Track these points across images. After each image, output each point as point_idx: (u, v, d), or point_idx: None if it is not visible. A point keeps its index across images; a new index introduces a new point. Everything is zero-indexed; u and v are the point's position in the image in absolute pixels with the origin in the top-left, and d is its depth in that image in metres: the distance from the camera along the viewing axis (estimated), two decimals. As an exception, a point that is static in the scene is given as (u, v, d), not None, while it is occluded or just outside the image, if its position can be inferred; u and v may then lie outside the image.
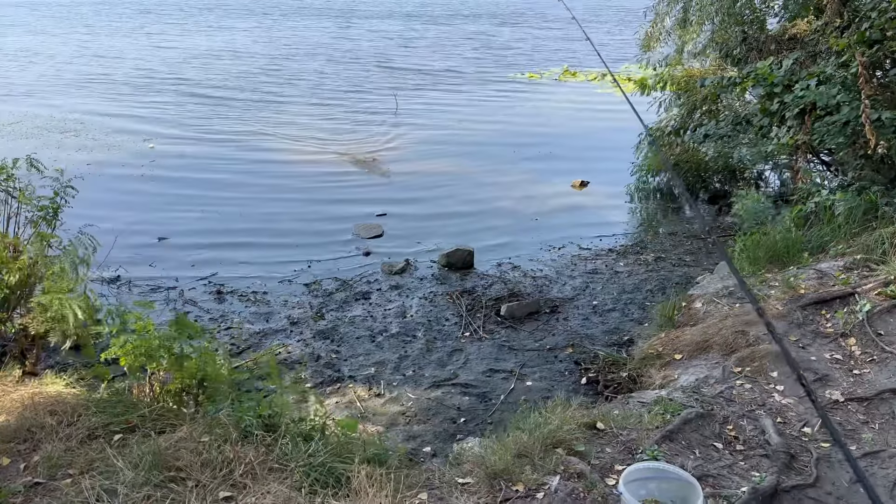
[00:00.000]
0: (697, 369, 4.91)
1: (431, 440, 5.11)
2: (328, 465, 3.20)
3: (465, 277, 8.05)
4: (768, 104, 7.44)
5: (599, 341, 6.50)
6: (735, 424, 4.04)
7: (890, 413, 4.14)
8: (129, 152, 11.88)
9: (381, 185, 10.97)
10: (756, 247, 6.78)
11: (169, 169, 11.19)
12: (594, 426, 3.93)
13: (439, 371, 6.09)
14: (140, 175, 10.83)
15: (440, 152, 12.73)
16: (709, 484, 3.42)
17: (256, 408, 3.65)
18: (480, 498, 3.30)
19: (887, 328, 4.94)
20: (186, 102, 15.42)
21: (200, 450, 3.28)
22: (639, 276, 8.05)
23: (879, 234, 5.98)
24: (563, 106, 16.80)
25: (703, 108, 10.18)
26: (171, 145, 12.40)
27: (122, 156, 11.67)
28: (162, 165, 11.32)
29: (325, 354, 6.29)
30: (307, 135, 13.38)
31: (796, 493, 3.44)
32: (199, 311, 6.99)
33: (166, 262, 8.08)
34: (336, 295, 7.49)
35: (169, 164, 11.43)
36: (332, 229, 9.27)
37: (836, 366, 4.71)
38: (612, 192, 11.18)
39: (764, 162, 10.26)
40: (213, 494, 2.97)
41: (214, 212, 9.66)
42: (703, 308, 6.06)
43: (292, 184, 10.81)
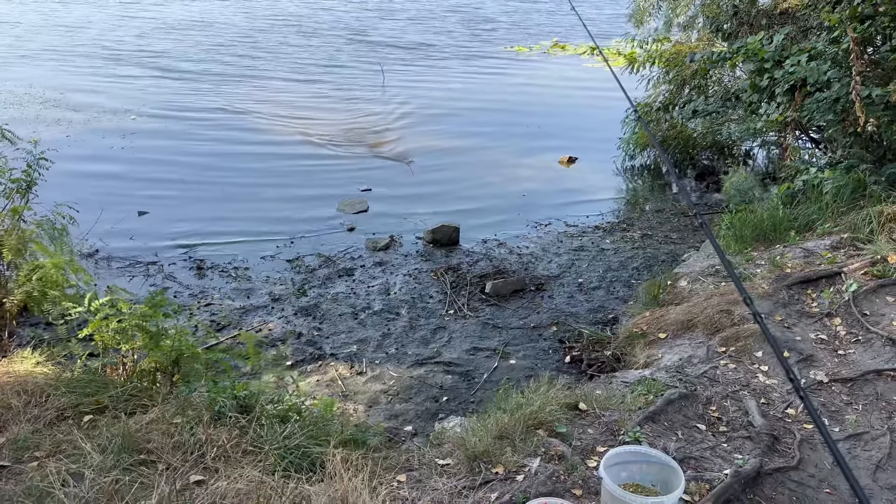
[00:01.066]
0: (681, 349, 4.87)
1: (413, 419, 5.06)
2: (303, 447, 3.13)
3: (451, 254, 7.97)
4: (758, 80, 7.33)
5: (584, 319, 6.46)
6: (718, 405, 4.00)
7: (874, 394, 4.11)
8: (109, 125, 11.61)
9: (366, 161, 10.79)
10: (743, 225, 6.72)
11: (150, 142, 10.95)
12: (576, 407, 3.88)
13: (422, 349, 6.03)
14: (121, 148, 10.60)
15: (427, 128, 12.55)
16: (691, 466, 3.38)
17: (231, 389, 3.57)
18: (460, 480, 3.24)
19: (873, 308, 4.91)
20: (167, 75, 15.03)
21: (172, 432, 3.20)
22: (625, 253, 8.00)
23: (867, 212, 5.93)
24: (552, 80, 16.60)
25: (692, 84, 10.07)
26: (153, 118, 12.12)
27: (103, 128, 11.40)
28: (143, 138, 11.07)
29: (306, 332, 6.20)
30: (291, 109, 13.13)
31: (779, 475, 3.40)
32: (179, 287, 6.87)
33: (146, 237, 7.92)
34: (319, 271, 7.38)
35: (150, 137, 11.18)
36: (315, 205, 9.12)
37: (821, 346, 4.67)
38: (600, 169, 11.09)
39: (752, 139, 10.18)
40: (184, 478, 2.89)
41: (196, 186, 9.47)
42: (688, 287, 6.01)
43: (275, 158, 10.61)
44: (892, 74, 6.35)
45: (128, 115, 12.12)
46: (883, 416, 3.93)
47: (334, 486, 2.75)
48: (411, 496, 3.02)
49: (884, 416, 3.92)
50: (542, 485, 3.11)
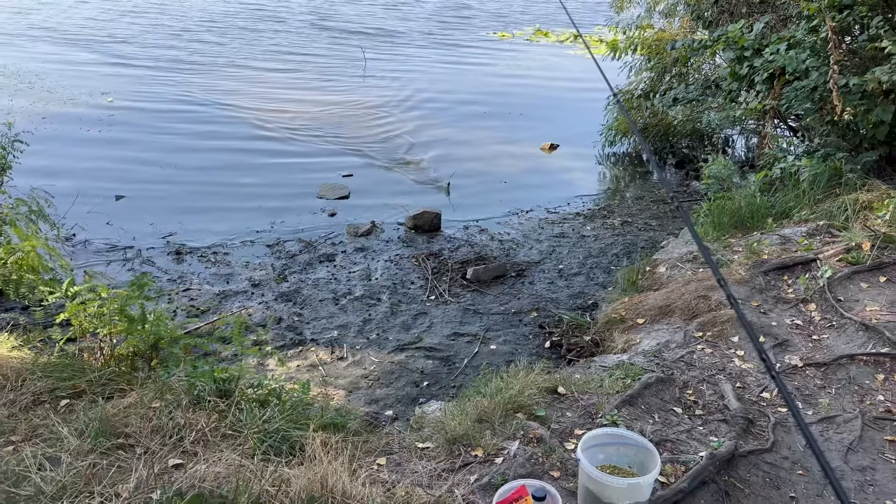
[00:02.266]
0: (659, 334, 4.92)
1: (394, 404, 5.07)
2: (283, 431, 3.13)
3: (432, 240, 7.97)
4: (738, 68, 7.38)
5: (564, 305, 6.50)
6: (695, 389, 4.06)
7: (846, 378, 4.19)
8: (86, 106, 11.44)
9: (348, 146, 10.73)
10: (721, 212, 6.78)
11: (128, 125, 10.81)
12: (555, 391, 3.91)
13: (403, 334, 6.04)
14: (98, 131, 10.45)
15: (409, 113, 12.50)
16: (667, 448, 3.42)
17: (211, 373, 3.55)
18: (439, 463, 3.26)
19: (847, 294, 4.99)
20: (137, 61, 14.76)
21: (150, 416, 3.18)
22: (605, 240, 8.05)
23: (842, 200, 6.02)
24: (534, 67, 16.59)
25: (672, 72, 10.11)
26: (131, 100, 11.96)
27: (79, 110, 11.23)
28: (120, 121, 10.92)
29: (287, 317, 6.18)
30: (270, 94, 13.00)
31: (753, 457, 3.46)
32: (158, 272, 6.81)
33: (124, 221, 7.83)
34: (299, 257, 7.35)
35: (128, 119, 11.03)
36: (296, 190, 9.07)
37: (796, 331, 4.75)
38: (582, 156, 11.13)
39: (732, 127, 10.27)
40: (163, 462, 2.88)
41: (174, 170, 9.37)
42: (666, 272, 6.07)
43: (255, 143, 10.53)
44: (868, 64, 6.42)
45: (104, 97, 11.93)
46: (855, 399, 4.01)
47: (314, 468, 2.76)
48: (391, 479, 3.04)
49: (856, 400, 4.00)
50: (520, 467, 3.14)
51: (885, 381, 4.13)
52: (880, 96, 6.19)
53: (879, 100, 6.20)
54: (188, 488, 2.58)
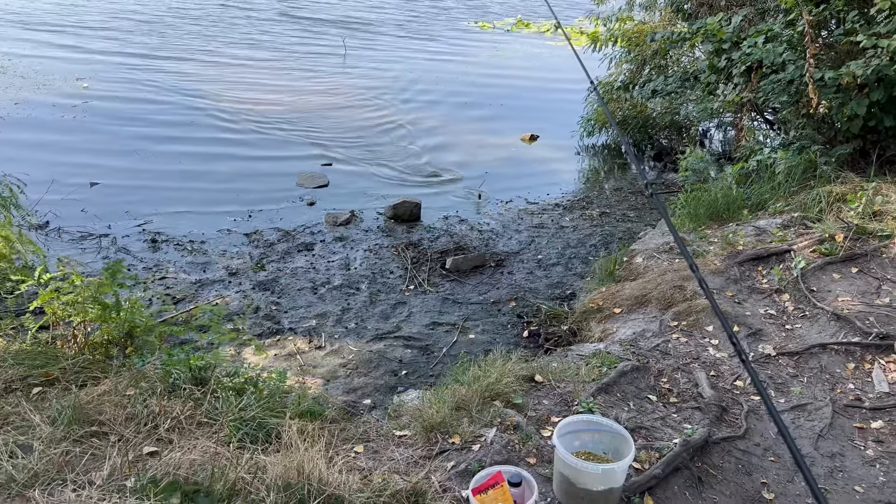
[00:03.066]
0: (635, 323, 4.97)
1: (372, 392, 5.07)
2: (259, 419, 3.12)
3: (412, 230, 7.95)
4: (716, 60, 7.44)
5: (542, 295, 6.53)
6: (669, 377, 4.11)
7: (818, 367, 4.26)
8: (59, 92, 11.23)
9: (327, 135, 10.65)
10: (697, 203, 6.85)
11: (103, 111, 10.62)
12: (532, 379, 3.93)
13: (382, 324, 6.03)
14: (72, 117, 10.27)
15: (390, 103, 12.44)
16: (642, 436, 3.46)
17: (187, 360, 3.53)
18: (417, 450, 3.27)
19: (819, 285, 5.07)
20: (120, 44, 14.56)
21: (125, 403, 3.15)
22: (584, 230, 8.09)
23: (817, 192, 6.10)
24: (515, 58, 16.59)
25: (652, 64, 10.16)
26: (105, 86, 11.76)
27: (53, 95, 11.03)
28: (95, 107, 10.73)
29: (264, 306, 6.15)
30: (248, 82, 12.86)
31: (726, 444, 3.52)
32: (133, 260, 6.73)
33: (99, 208, 7.72)
34: (278, 246, 7.30)
35: (103, 106, 10.84)
36: (274, 178, 9.00)
37: (770, 321, 4.82)
38: (562, 147, 11.16)
39: (709, 119, 10.35)
40: (137, 449, 2.86)
41: (150, 157, 9.25)
42: (643, 263, 6.12)
43: (233, 132, 10.40)
44: (844, 58, 6.50)
45: (79, 83, 11.73)
46: (826, 387, 4.08)
47: (290, 456, 2.75)
48: (368, 466, 3.04)
49: (826, 388, 4.08)
50: (497, 454, 3.16)
51: (856, 370, 4.21)
52: (855, 90, 6.27)
53: (854, 94, 6.28)
54: (163, 476, 2.56)
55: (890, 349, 4.27)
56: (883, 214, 5.59)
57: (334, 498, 2.62)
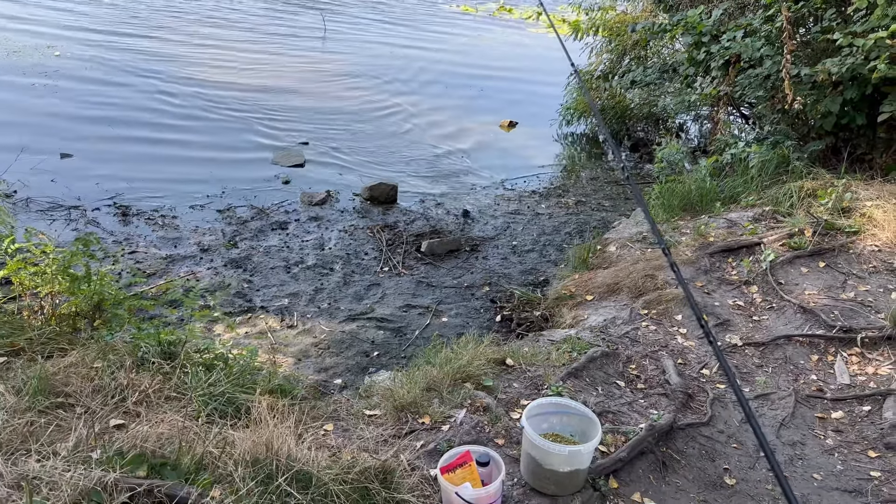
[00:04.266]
0: (607, 310, 5.02)
1: (343, 373, 5.07)
2: (228, 394, 3.10)
3: (388, 212, 7.93)
4: (695, 53, 7.49)
5: (516, 281, 6.56)
6: (638, 364, 4.16)
7: (783, 358, 4.35)
8: (30, 60, 10.95)
9: (305, 113, 10.54)
10: (671, 195, 6.92)
11: (75, 81, 10.39)
12: (504, 362, 3.96)
13: (355, 305, 6.02)
14: (43, 85, 10.03)
15: (369, 84, 12.34)
16: (609, 420, 3.51)
17: (156, 334, 3.49)
18: (386, 429, 3.28)
19: (787, 278, 5.17)
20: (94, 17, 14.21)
21: (92, 376, 3.11)
22: (559, 218, 8.14)
23: (788, 187, 6.19)
24: (496, 43, 16.54)
25: (632, 54, 10.21)
26: (78, 54, 11.50)
27: (23, 63, 10.75)
28: (67, 76, 10.49)
29: (236, 283, 6.10)
30: (226, 56, 12.66)
31: (691, 430, 3.58)
32: (103, 233, 6.62)
33: (68, 180, 7.57)
34: (251, 223, 7.23)
35: (75, 75, 10.61)
36: (249, 155, 8.90)
37: (738, 312, 4.90)
38: (539, 135, 11.18)
39: (686, 112, 10.44)
40: (104, 421, 2.83)
41: (123, 129, 9.07)
42: (616, 252, 6.18)
43: (208, 105, 10.25)
44: (820, 55, 6.59)
45: (51, 51, 11.45)
46: (790, 378, 4.18)
47: (259, 431, 2.74)
48: (337, 443, 3.05)
49: (790, 379, 4.17)
50: (466, 434, 3.19)
51: (819, 362, 4.31)
52: (829, 87, 6.37)
53: (828, 91, 6.38)
54: (130, 448, 2.54)
55: (853, 342, 4.37)
56: (851, 211, 5.70)
57: (303, 473, 2.62)
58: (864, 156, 6.78)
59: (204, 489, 2.41)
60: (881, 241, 5.37)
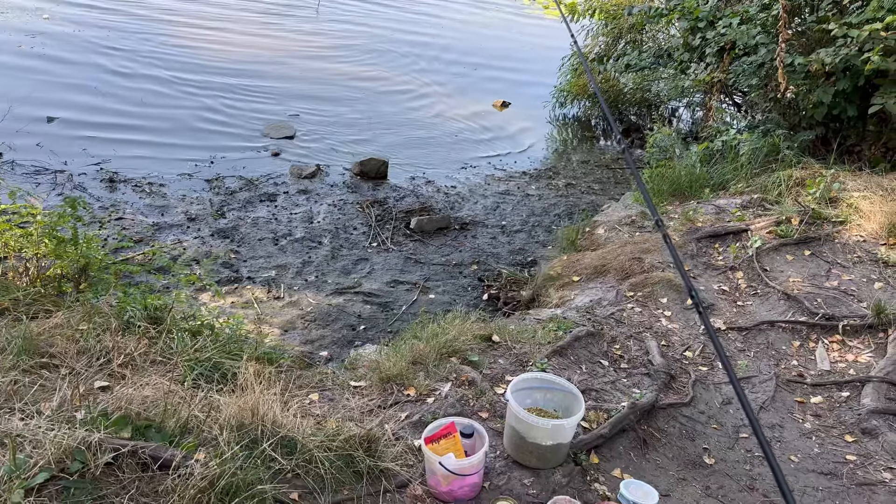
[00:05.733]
0: (593, 291, 5.05)
1: (329, 345, 5.09)
2: (214, 360, 3.10)
3: (378, 188, 7.90)
4: (691, 39, 7.48)
5: (504, 260, 6.58)
6: (622, 344, 4.20)
7: (765, 343, 4.40)
8: (18, 22, 10.75)
9: (296, 86, 10.43)
10: (661, 180, 6.94)
11: (64, 44, 10.20)
12: (490, 339, 3.98)
13: (343, 279, 6.02)
14: (31, 48, 9.86)
15: (363, 57, 12.22)
16: (592, 397, 3.55)
17: (143, 299, 3.48)
18: (372, 400, 3.30)
19: (773, 264, 5.21)
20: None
21: (77, 337, 3.10)
22: (549, 200, 8.15)
23: (777, 175, 6.23)
24: (492, 22, 16.41)
25: (627, 38, 10.17)
26: (68, 18, 11.29)
27: (11, 26, 10.55)
28: (56, 40, 10.31)
29: (223, 254, 6.07)
30: (217, 24, 12.48)
31: (672, 410, 3.63)
32: (89, 199, 6.55)
33: (55, 144, 7.47)
34: (239, 194, 7.19)
35: (64, 39, 10.42)
36: (239, 125, 8.81)
37: (723, 296, 4.95)
38: (532, 116, 11.14)
39: (679, 98, 10.44)
40: (88, 383, 2.82)
41: (112, 95, 8.95)
42: (605, 234, 6.20)
43: (198, 75, 10.11)
44: (814, 45, 6.59)
45: (39, 14, 11.24)
46: (771, 362, 4.23)
47: (245, 397, 2.75)
48: (323, 412, 3.06)
49: (772, 363, 4.22)
50: (451, 407, 3.21)
51: (800, 348, 4.37)
52: (822, 78, 6.39)
53: (821, 81, 6.40)
54: (114, 409, 2.54)
55: (834, 330, 4.43)
56: (839, 201, 5.74)
57: (288, 440, 2.63)
58: (853, 147, 6.82)
59: (188, 452, 2.41)
60: (866, 232, 5.42)
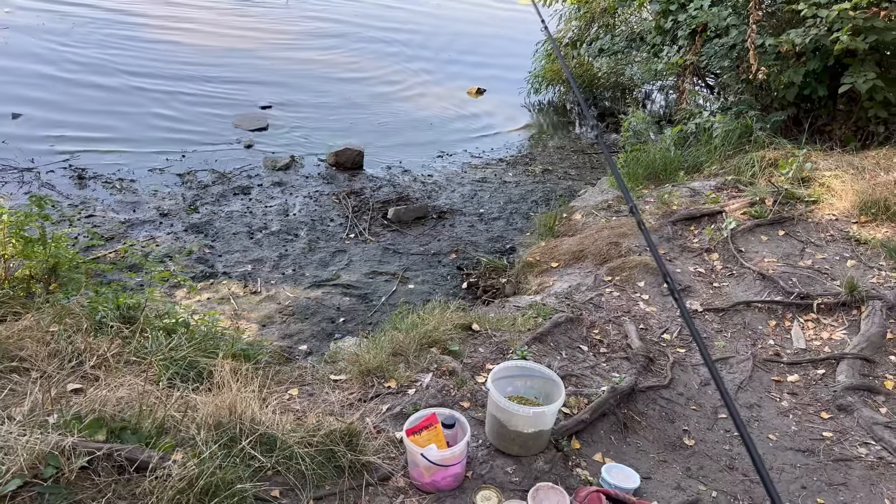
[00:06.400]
0: (572, 277, 5.06)
1: (308, 339, 5.04)
2: (190, 359, 3.05)
3: (354, 178, 7.84)
4: (663, 22, 7.49)
5: (483, 248, 6.57)
6: (601, 329, 4.21)
7: (742, 323, 4.44)
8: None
9: (268, 76, 10.30)
10: (636, 163, 6.96)
11: (27, 38, 9.98)
12: (470, 327, 3.97)
13: (321, 271, 5.96)
14: (-9, 43, 9.63)
15: (335, 46, 12.10)
16: (572, 383, 3.55)
17: (115, 298, 3.41)
18: (352, 394, 3.28)
19: (748, 245, 5.26)
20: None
21: (47, 340, 3.03)
22: (525, 186, 8.14)
23: (751, 157, 6.28)
24: (466, 8, 16.33)
25: (600, 22, 10.16)
26: (30, 12, 11.03)
27: (-31, 19, 10.30)
28: (19, 33, 10.07)
29: (197, 249, 5.98)
30: (185, 14, 12.27)
31: (651, 392, 3.65)
32: (58, 196, 6.42)
33: (21, 141, 7.31)
34: (212, 188, 7.09)
35: (27, 32, 10.19)
36: (210, 118, 8.68)
37: (699, 278, 4.98)
38: (507, 102, 11.11)
39: (652, 81, 10.47)
40: (60, 386, 2.76)
41: (78, 89, 8.77)
42: (582, 220, 6.21)
43: (169, 66, 9.95)
44: (785, 26, 6.64)
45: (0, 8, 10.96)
46: (748, 342, 4.27)
47: (222, 395, 2.71)
48: (302, 407, 3.03)
49: (748, 343, 4.26)
50: (432, 398, 3.20)
51: (776, 327, 4.41)
52: (793, 58, 6.43)
53: (792, 62, 6.44)
54: (88, 412, 2.49)
55: (809, 308, 4.48)
56: (811, 181, 5.80)
57: (267, 437, 2.60)
58: (824, 127, 6.89)
59: (166, 452, 2.37)
60: (838, 211, 5.49)
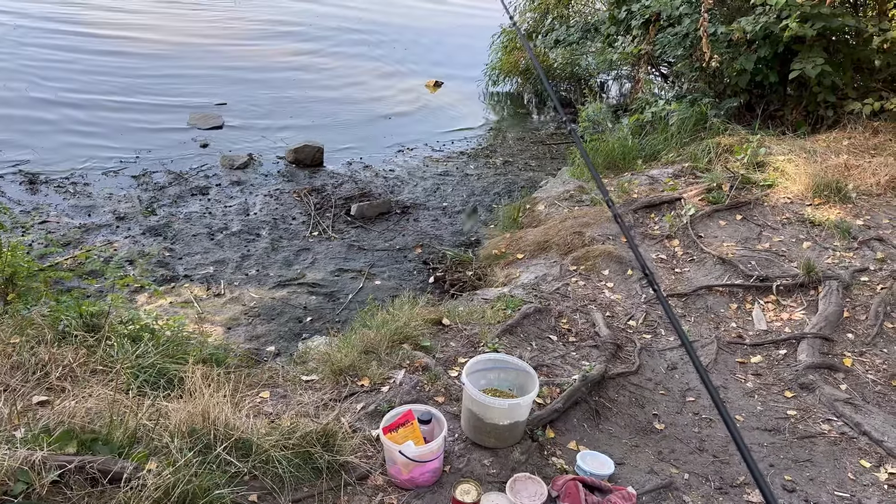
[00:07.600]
0: (537, 268, 5.11)
1: (276, 339, 4.99)
2: (158, 365, 3.00)
3: (314, 175, 7.76)
4: (616, 12, 7.59)
5: (448, 242, 6.58)
6: (569, 318, 4.27)
7: (704, 307, 4.55)
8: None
9: (220, 73, 10.12)
10: (595, 153, 7.05)
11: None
12: (440, 322, 3.98)
13: (285, 271, 5.90)
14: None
15: (288, 41, 11.94)
16: (544, 373, 3.60)
17: (77, 306, 3.32)
18: (325, 394, 3.26)
19: (707, 231, 5.38)
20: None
21: (10, 352, 2.94)
22: (487, 179, 8.17)
23: (706, 144, 6.41)
24: (420, 3, 16.26)
25: (555, 13, 10.24)
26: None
27: None
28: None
29: (157, 252, 5.86)
30: (133, 11, 11.97)
31: (621, 379, 3.71)
32: (9, 202, 6.22)
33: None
34: (169, 189, 6.94)
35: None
36: (163, 118, 8.50)
37: (661, 265, 5.08)
38: (466, 95, 11.13)
39: (608, 71, 10.59)
40: (26, 399, 2.68)
41: (26, 91, 8.49)
42: (545, 210, 6.27)
43: (118, 64, 9.69)
44: (736, 14, 6.78)
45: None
46: (711, 326, 4.37)
47: (194, 402, 2.67)
48: (276, 410, 3.01)
49: (712, 327, 4.36)
50: (406, 394, 3.20)
51: (738, 310, 4.53)
52: (744, 46, 6.58)
53: (743, 49, 6.59)
54: (56, 425, 2.43)
55: (768, 290, 4.61)
56: (765, 165, 5.96)
57: (242, 441, 2.57)
58: (776, 112, 7.07)
59: (139, 462, 2.33)
60: (793, 194, 5.65)
